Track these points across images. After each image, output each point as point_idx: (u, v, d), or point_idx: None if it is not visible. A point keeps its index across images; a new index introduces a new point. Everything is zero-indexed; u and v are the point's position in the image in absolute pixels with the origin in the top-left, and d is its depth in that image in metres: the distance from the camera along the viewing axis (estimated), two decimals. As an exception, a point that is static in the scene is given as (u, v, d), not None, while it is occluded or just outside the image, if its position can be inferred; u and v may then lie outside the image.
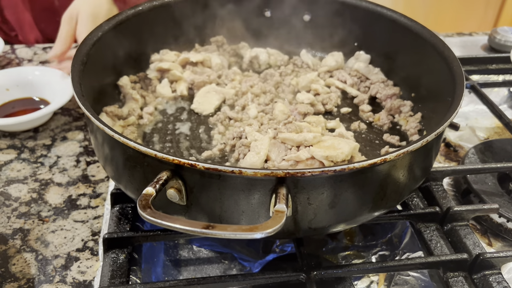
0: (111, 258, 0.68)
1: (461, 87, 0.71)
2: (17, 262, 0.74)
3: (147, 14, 0.93)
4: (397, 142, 0.84)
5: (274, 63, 1.05)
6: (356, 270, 0.68)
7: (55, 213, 0.82)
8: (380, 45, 0.98)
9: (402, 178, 0.64)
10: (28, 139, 0.98)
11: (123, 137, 0.57)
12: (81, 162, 0.93)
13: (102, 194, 0.87)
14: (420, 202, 0.80)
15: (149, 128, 0.86)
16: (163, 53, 0.99)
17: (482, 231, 0.83)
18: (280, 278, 0.65)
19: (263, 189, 0.55)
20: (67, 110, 1.08)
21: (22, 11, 1.40)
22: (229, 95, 0.92)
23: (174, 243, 0.80)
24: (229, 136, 0.81)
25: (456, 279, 0.68)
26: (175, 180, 0.56)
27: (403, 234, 0.80)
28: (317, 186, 0.57)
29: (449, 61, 0.78)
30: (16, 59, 1.26)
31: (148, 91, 0.94)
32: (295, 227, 0.61)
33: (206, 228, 0.48)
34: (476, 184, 0.85)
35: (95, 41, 0.81)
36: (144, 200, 0.51)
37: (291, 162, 0.72)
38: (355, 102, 0.95)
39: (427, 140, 0.60)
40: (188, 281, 0.64)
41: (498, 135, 1.07)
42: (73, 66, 0.72)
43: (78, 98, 0.64)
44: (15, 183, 0.88)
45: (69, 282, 0.71)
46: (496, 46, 1.32)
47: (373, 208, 0.64)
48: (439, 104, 0.78)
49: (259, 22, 1.07)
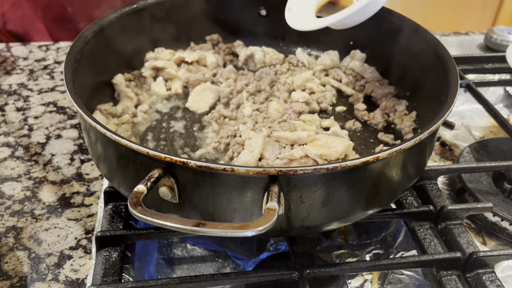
0: (103, 256, 0.68)
1: (455, 86, 0.71)
2: (10, 260, 0.74)
3: (142, 12, 0.93)
4: (391, 141, 0.83)
5: (270, 62, 1.05)
6: (350, 269, 0.68)
7: (48, 211, 0.82)
8: (376, 44, 0.98)
9: (395, 177, 0.64)
10: (22, 137, 0.98)
11: (115, 135, 0.57)
12: (75, 160, 0.93)
13: (96, 192, 0.86)
14: (414, 200, 0.80)
15: (144, 126, 0.86)
16: (158, 51, 0.99)
17: (476, 230, 0.83)
18: (273, 277, 0.65)
19: (255, 187, 0.55)
20: (62, 108, 1.07)
21: (33, 22, 1.38)
22: (224, 94, 0.92)
23: (168, 241, 0.80)
24: (224, 135, 0.81)
25: (449, 278, 0.68)
26: (167, 178, 0.56)
27: (397, 233, 0.80)
28: (310, 184, 0.56)
29: (444, 60, 0.78)
30: (12, 57, 1.25)
31: (143, 89, 0.94)
32: (288, 225, 0.60)
33: (197, 226, 0.48)
34: (471, 183, 0.85)
35: (89, 39, 0.80)
36: (135, 197, 0.50)
37: (285, 161, 0.72)
38: (350, 101, 0.94)
39: (420, 138, 0.60)
40: (180, 279, 0.64)
41: (494, 134, 1.07)
42: (67, 64, 0.72)
43: (71, 96, 0.64)
44: (8, 181, 0.88)
45: (62, 280, 0.71)
46: (492, 46, 1.32)
47: (367, 207, 0.64)
48: (434, 103, 0.77)
49: (254, 20, 1.07)
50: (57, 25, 1.41)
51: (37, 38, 1.40)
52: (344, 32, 1.01)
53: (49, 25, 1.40)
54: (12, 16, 1.37)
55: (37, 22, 1.38)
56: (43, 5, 1.35)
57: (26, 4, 1.35)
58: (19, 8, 1.35)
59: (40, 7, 1.36)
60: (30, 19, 1.37)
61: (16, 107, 1.07)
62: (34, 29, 1.39)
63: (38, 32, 1.40)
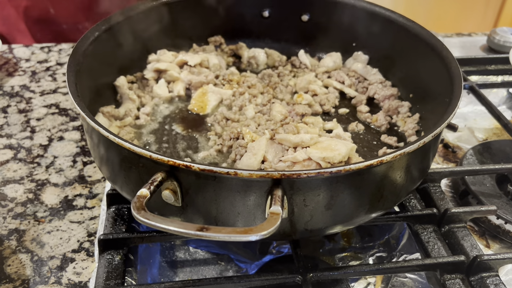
0: (106, 260, 0.68)
1: (459, 88, 0.71)
2: (12, 263, 0.73)
3: (144, 13, 0.93)
4: (394, 143, 0.83)
5: (272, 64, 1.04)
6: (353, 272, 0.68)
7: (51, 214, 0.82)
8: (379, 45, 0.98)
9: (399, 180, 0.63)
10: (24, 139, 0.98)
11: (118, 138, 0.57)
12: (78, 162, 0.93)
13: (98, 194, 0.86)
14: (417, 203, 0.80)
15: (146, 128, 0.86)
16: (161, 53, 0.99)
17: (480, 233, 0.82)
18: (276, 280, 0.65)
19: (258, 191, 0.55)
20: (64, 110, 1.07)
21: (15, 22, 1.38)
22: (227, 96, 0.92)
23: (171, 244, 0.80)
24: (226, 137, 0.81)
25: (453, 281, 0.68)
26: (170, 182, 0.56)
27: (401, 236, 0.80)
28: (313, 187, 0.56)
29: (447, 62, 0.78)
30: (14, 59, 1.25)
31: (145, 92, 0.94)
32: (291, 229, 0.60)
33: (200, 231, 0.48)
34: (474, 186, 0.85)
35: (91, 41, 0.80)
36: (138, 201, 0.50)
37: (288, 163, 0.72)
38: (353, 103, 0.94)
39: (424, 142, 0.59)
40: (183, 283, 0.63)
41: (497, 136, 1.06)
42: (69, 66, 0.72)
43: (74, 98, 0.64)
44: (11, 183, 0.88)
45: (64, 283, 0.71)
46: (495, 47, 1.32)
47: (370, 210, 0.63)
48: (437, 105, 0.77)
49: (257, 22, 1.07)
50: (39, 26, 1.41)
51: (19, 39, 1.40)
52: (347, 33, 1.02)
53: (31, 26, 1.41)
54: None
55: (20, 23, 1.39)
56: (25, 6, 1.36)
57: (9, 5, 1.36)
58: (4, 9, 1.36)
59: (22, 8, 1.36)
60: (13, 19, 1.38)
61: (18, 109, 1.07)
62: (17, 30, 1.40)
63: (20, 33, 1.40)
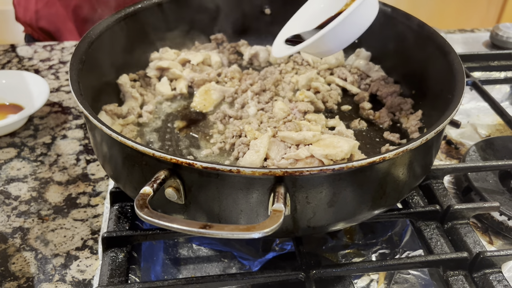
0: (110, 257, 0.68)
1: (461, 84, 0.70)
2: (17, 261, 0.74)
3: (147, 11, 0.93)
4: (397, 140, 0.83)
5: (274, 61, 1.04)
6: (356, 269, 0.68)
7: (54, 212, 0.82)
8: (381, 42, 0.98)
9: (401, 177, 0.63)
10: (28, 137, 0.98)
11: (121, 136, 0.57)
12: (81, 160, 0.93)
13: (102, 192, 0.87)
14: (420, 200, 0.80)
15: (149, 126, 0.86)
16: (163, 51, 0.99)
17: (483, 229, 0.82)
18: (279, 277, 0.65)
19: (261, 188, 0.55)
20: (67, 108, 1.08)
21: (64, 21, 1.42)
22: (229, 93, 0.92)
23: (174, 241, 0.80)
24: (229, 135, 0.81)
25: (456, 278, 0.68)
26: (173, 179, 0.56)
27: (403, 233, 0.80)
28: (316, 185, 0.56)
29: (450, 58, 0.78)
30: (17, 57, 1.26)
31: (148, 90, 0.94)
32: (294, 226, 0.60)
33: (203, 228, 0.48)
34: (477, 182, 0.85)
35: (94, 39, 0.80)
36: (141, 199, 0.50)
37: (291, 161, 0.72)
38: (356, 100, 0.94)
39: (427, 138, 0.59)
40: (187, 280, 0.64)
41: (500, 132, 1.06)
42: (72, 65, 0.72)
43: (76, 97, 0.64)
44: (15, 182, 0.88)
45: (69, 281, 0.71)
46: (498, 43, 1.31)
47: (373, 207, 0.64)
48: (440, 102, 0.77)
49: (259, 19, 1.07)
50: (87, 26, 1.43)
51: (66, 37, 1.44)
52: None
53: (79, 25, 1.44)
54: (45, 14, 1.41)
55: (68, 21, 1.42)
56: (74, 6, 1.40)
57: (58, 4, 1.39)
58: (52, 7, 1.40)
59: (72, 7, 1.40)
60: (62, 18, 1.41)
61: (21, 108, 1.07)
62: (65, 28, 1.43)
63: (68, 31, 1.44)
